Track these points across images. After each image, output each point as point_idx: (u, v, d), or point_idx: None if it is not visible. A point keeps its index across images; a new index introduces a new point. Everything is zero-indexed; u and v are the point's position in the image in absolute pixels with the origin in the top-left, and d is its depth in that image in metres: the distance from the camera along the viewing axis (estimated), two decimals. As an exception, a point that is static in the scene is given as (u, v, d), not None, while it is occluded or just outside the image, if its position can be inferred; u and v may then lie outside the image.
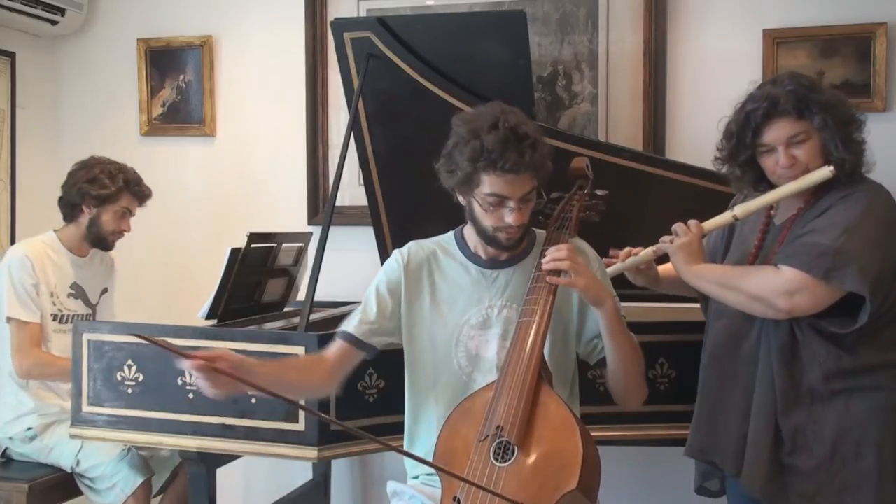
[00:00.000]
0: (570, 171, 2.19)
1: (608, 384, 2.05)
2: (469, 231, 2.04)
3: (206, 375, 1.68)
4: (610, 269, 2.17)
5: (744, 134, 1.96)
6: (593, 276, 1.92)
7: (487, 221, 1.92)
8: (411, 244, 2.10)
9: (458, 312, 2.01)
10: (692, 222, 2.07)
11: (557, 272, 1.90)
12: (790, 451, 1.94)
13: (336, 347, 2.02)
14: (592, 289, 1.89)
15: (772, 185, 2.01)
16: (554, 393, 1.85)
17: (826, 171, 1.90)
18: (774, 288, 1.88)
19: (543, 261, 1.92)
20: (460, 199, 1.98)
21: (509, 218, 1.89)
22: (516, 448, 1.77)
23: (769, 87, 1.95)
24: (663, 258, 2.18)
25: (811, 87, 1.94)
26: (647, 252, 2.16)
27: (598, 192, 2.18)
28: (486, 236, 1.96)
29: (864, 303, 1.83)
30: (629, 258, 2.19)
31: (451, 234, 2.11)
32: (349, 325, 2.03)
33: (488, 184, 1.87)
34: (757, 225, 2.09)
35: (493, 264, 2.02)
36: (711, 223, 2.08)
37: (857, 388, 1.91)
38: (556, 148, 2.15)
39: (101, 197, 2.91)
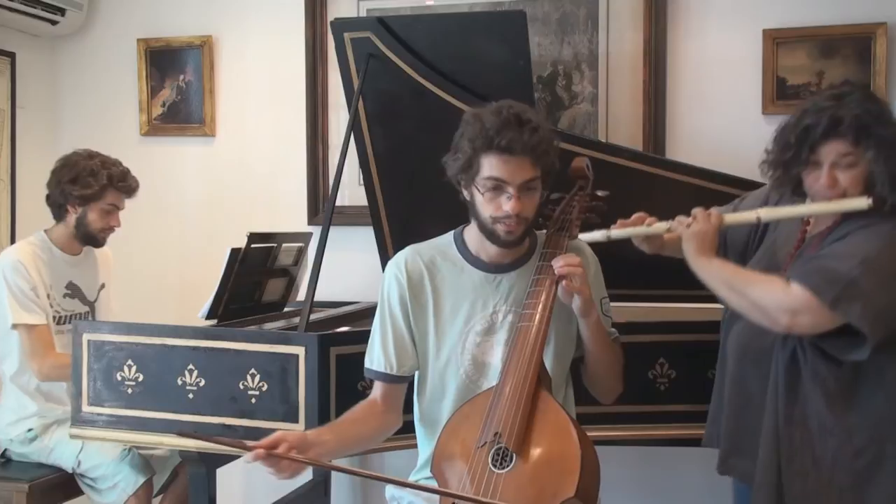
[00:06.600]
0: (570, 171, 2.16)
1: (585, 379, 2.06)
2: (470, 232, 2.01)
3: (268, 462, 1.71)
4: (617, 231, 2.10)
5: (801, 148, 1.90)
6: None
7: (487, 211, 1.88)
8: (407, 253, 2.04)
9: (463, 319, 1.97)
10: (713, 212, 2.01)
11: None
12: (788, 470, 1.90)
13: (377, 389, 2.02)
14: (588, 300, 1.91)
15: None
16: (552, 398, 1.84)
17: (863, 202, 1.84)
18: (780, 303, 1.85)
19: (556, 266, 1.90)
20: (464, 193, 1.95)
21: (507, 206, 1.85)
22: (514, 455, 1.76)
23: (834, 107, 1.86)
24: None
25: (878, 116, 1.86)
26: (659, 226, 2.08)
27: (599, 193, 2.16)
28: (486, 230, 1.91)
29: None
30: (640, 226, 2.10)
31: (449, 235, 2.06)
32: (374, 362, 2.01)
33: (487, 166, 1.85)
34: (791, 238, 2.03)
35: (496, 268, 1.98)
36: (732, 218, 2.03)
37: (860, 426, 1.86)
38: (556, 148, 2.14)
39: (84, 197, 2.84)
